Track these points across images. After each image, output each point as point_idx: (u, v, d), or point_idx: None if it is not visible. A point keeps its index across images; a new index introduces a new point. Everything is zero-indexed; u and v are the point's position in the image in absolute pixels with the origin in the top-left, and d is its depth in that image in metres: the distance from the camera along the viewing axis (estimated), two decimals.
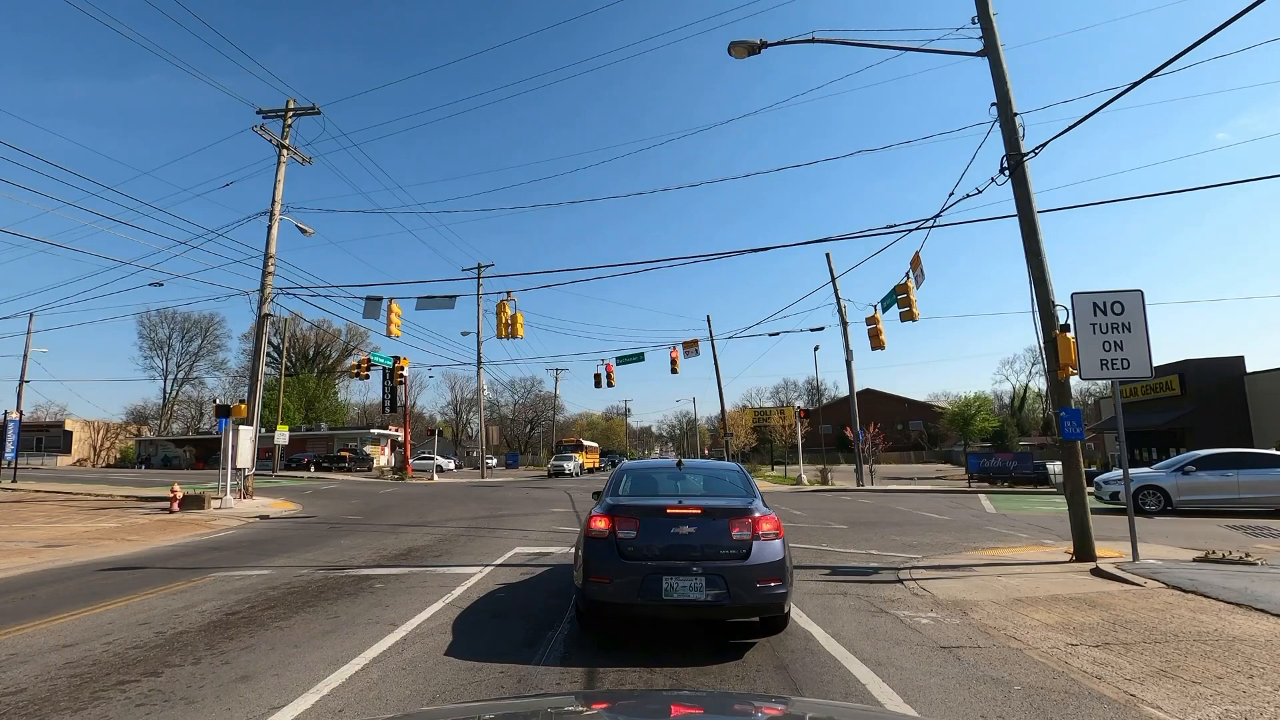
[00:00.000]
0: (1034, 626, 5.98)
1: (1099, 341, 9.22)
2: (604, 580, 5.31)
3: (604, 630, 5.81)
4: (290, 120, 24.71)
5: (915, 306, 17.00)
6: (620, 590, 5.22)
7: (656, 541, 5.38)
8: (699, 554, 5.30)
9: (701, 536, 5.37)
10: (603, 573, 5.33)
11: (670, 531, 5.41)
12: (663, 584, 5.15)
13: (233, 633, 5.86)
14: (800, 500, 22.44)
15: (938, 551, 11.01)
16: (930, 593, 7.59)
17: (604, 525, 5.51)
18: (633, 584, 5.19)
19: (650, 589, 5.16)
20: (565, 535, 12.89)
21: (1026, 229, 10.54)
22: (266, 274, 23.47)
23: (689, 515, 5.48)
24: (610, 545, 5.42)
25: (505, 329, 19.18)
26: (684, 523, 5.43)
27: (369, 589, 7.81)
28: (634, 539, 5.40)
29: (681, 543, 5.35)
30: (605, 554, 5.40)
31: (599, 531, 5.51)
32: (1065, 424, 9.82)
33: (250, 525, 16.08)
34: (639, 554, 5.35)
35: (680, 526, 5.42)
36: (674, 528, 5.42)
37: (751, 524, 5.41)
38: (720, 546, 5.34)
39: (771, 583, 5.23)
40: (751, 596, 5.18)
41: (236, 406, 20.94)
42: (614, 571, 5.29)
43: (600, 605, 5.37)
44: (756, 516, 5.45)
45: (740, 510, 5.52)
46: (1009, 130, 10.83)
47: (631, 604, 5.20)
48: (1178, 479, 16.11)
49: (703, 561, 5.26)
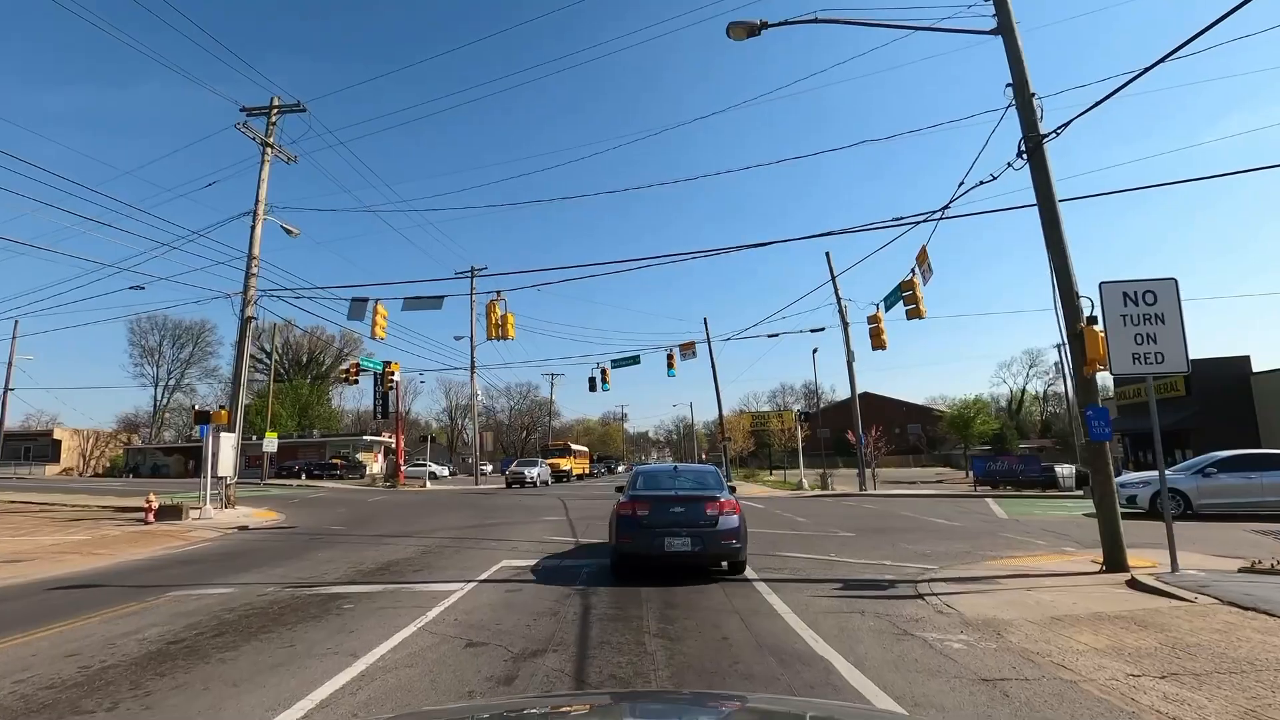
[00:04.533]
0: (1082, 651, 5.27)
1: (1130, 334, 8.54)
2: (629, 540, 8.62)
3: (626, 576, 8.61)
4: (275, 118, 23.99)
5: (922, 304, 16.32)
6: (638, 545, 8.56)
7: (661, 517, 8.57)
8: (686, 524, 8.50)
9: (688, 513, 8.61)
10: (628, 535, 8.63)
11: (669, 511, 8.66)
12: (664, 542, 8.34)
13: (168, 667, 5.10)
14: (803, 506, 21.70)
15: (954, 561, 10.30)
16: (956, 610, 6.87)
17: (629, 507, 8.77)
18: (646, 542, 8.46)
19: (656, 545, 8.37)
20: (557, 547, 12.14)
21: (1047, 216, 9.87)
22: (250, 275, 22.69)
23: (680, 500, 8.85)
24: (633, 519, 8.66)
25: (496, 330, 18.46)
26: (677, 505, 8.73)
27: (335, 610, 7.06)
28: (647, 515, 8.62)
29: (676, 517, 8.57)
30: (629, 525, 8.66)
31: (627, 511, 8.78)
32: (1093, 423, 9.13)
33: (228, 537, 15.29)
34: (650, 524, 8.52)
35: (675, 507, 8.69)
36: (671, 508, 8.68)
37: (718, 506, 8.67)
38: (699, 519, 8.56)
39: (731, 540, 8.53)
40: (717, 549, 8.51)
41: (217, 412, 20.14)
42: (635, 535, 8.58)
43: (626, 556, 8.72)
44: (721, 501, 8.74)
45: (711, 497, 8.81)
46: (1026, 112, 10.17)
47: (645, 554, 8.52)
48: (1198, 481, 15.44)
49: (688, 528, 8.45)
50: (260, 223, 23.17)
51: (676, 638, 5.84)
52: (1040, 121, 10.10)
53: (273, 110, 23.87)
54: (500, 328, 18.36)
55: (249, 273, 22.67)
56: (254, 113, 23.75)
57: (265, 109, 23.82)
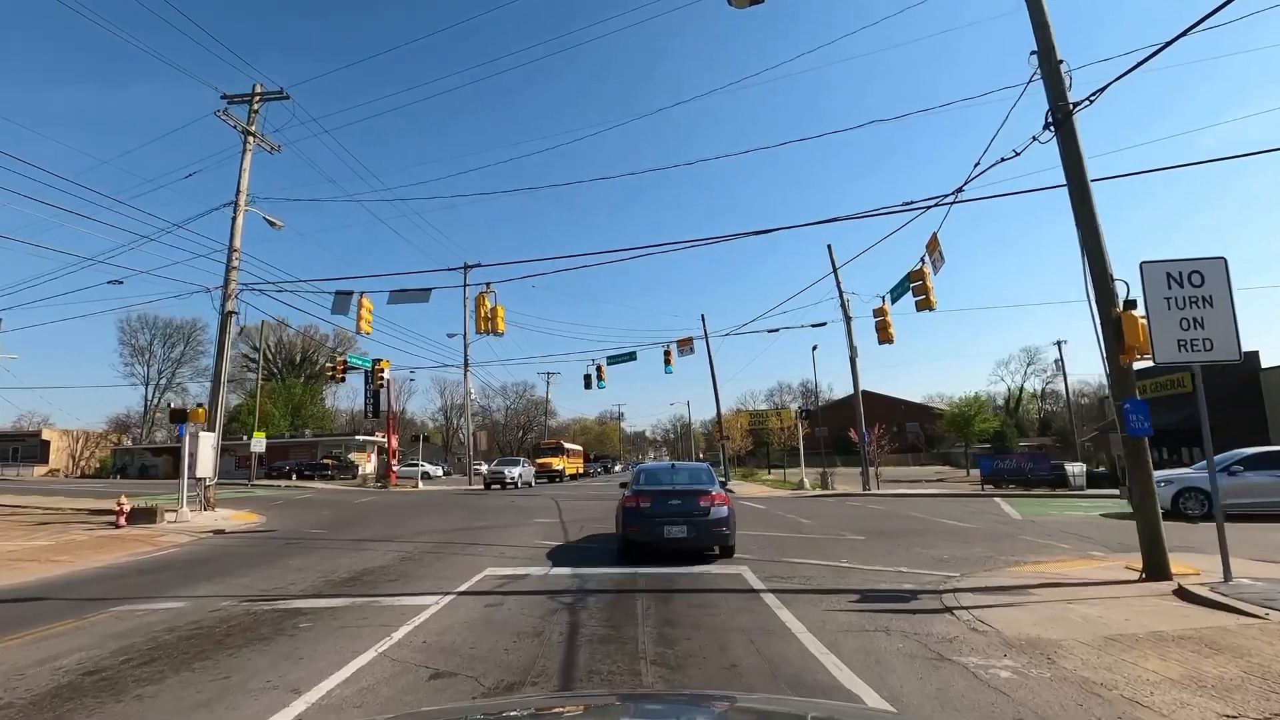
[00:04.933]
0: (1155, 683, 4.47)
1: (1175, 319, 7.76)
2: (634, 529, 9.94)
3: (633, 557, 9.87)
4: (257, 105, 23.09)
5: (932, 294, 15.51)
6: (642, 533, 9.86)
7: (660, 508, 9.86)
8: (682, 514, 9.77)
9: (684, 505, 9.88)
10: (633, 525, 9.95)
11: (668, 503, 9.93)
12: (664, 530, 9.65)
13: (69, 709, 4.27)
14: (806, 507, 20.89)
15: (975, 567, 9.51)
16: (992, 626, 6.08)
17: (633, 500, 10.11)
18: (648, 530, 9.77)
19: (657, 532, 9.68)
20: (547, 552, 11.32)
21: (1077, 193, 9.08)
22: (230, 268, 21.80)
23: (677, 493, 10.12)
24: (637, 510, 9.98)
25: (485, 323, 17.60)
26: (675, 498, 10.03)
27: (290, 630, 6.23)
28: (649, 506, 9.93)
29: (673, 509, 9.85)
30: (634, 515, 9.97)
31: (631, 503, 10.11)
32: (1130, 417, 8.36)
33: (201, 542, 14.44)
34: (651, 514, 9.83)
35: (673, 500, 9.98)
36: (670, 501, 9.97)
37: (710, 498, 9.95)
38: (694, 510, 9.82)
39: (721, 528, 9.80)
40: (709, 536, 9.80)
41: (194, 411, 19.24)
42: (639, 524, 9.90)
43: (631, 543, 10.02)
44: (712, 494, 10.02)
45: (704, 491, 10.08)
46: (1053, 81, 9.37)
47: (647, 541, 9.80)
48: (1224, 480, 14.63)
49: (684, 518, 9.72)
50: (242, 213, 22.28)
51: (677, 665, 5.03)
52: (1069, 90, 9.32)
53: (255, 97, 22.98)
54: (490, 320, 17.50)
55: (230, 266, 21.79)
56: (235, 100, 22.86)
57: (247, 96, 22.92)
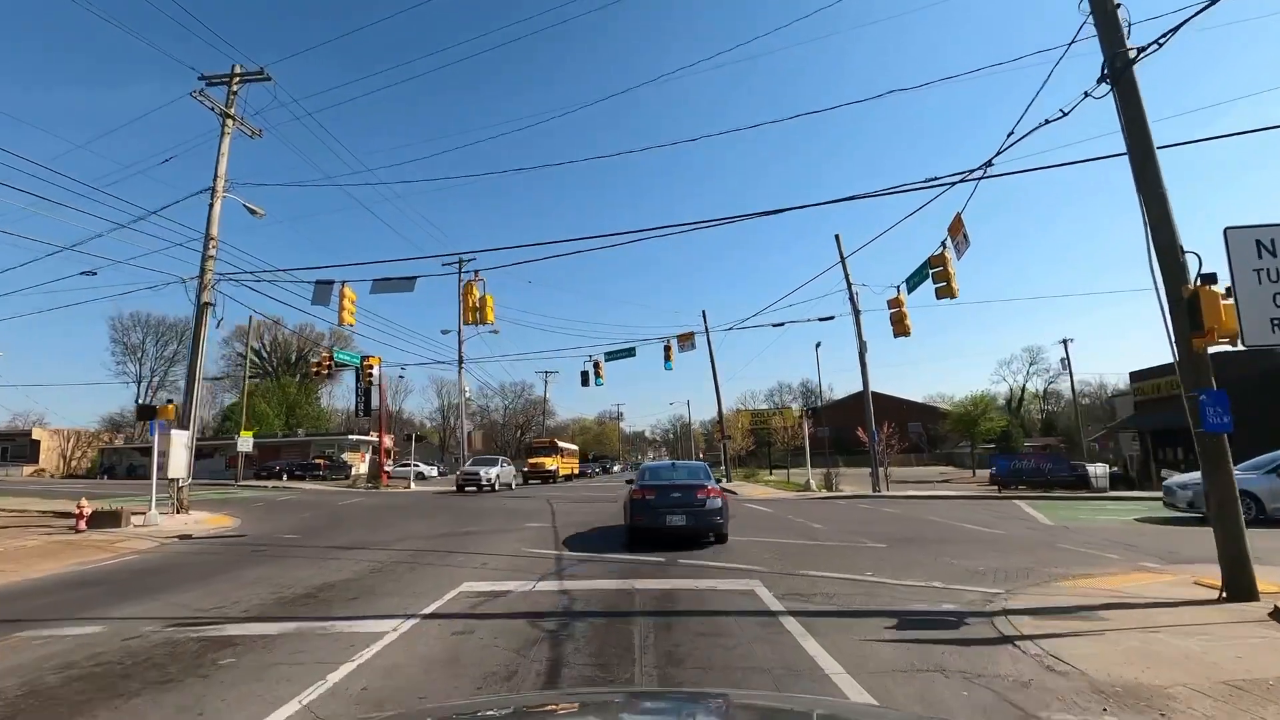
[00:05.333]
0: None
1: (1268, 294, 6.62)
2: (640, 518, 11.65)
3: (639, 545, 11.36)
4: (236, 87, 21.93)
5: (954, 281, 14.33)
6: (646, 522, 11.56)
7: (663, 500, 11.58)
8: (681, 505, 11.50)
9: (683, 497, 11.60)
10: (639, 515, 11.69)
11: (670, 496, 11.65)
12: (666, 519, 11.37)
13: None
14: (815, 510, 19.70)
15: (1019, 581, 8.36)
16: (1073, 666, 4.92)
17: (640, 494, 11.88)
18: (652, 519, 11.48)
19: (660, 521, 11.40)
20: (534, 564, 10.16)
21: (1139, 153, 7.91)
22: (207, 258, 20.64)
23: (678, 487, 11.84)
24: (642, 502, 11.72)
25: (473, 314, 16.46)
26: (675, 491, 11.73)
27: (205, 669, 5.06)
28: (653, 499, 11.64)
29: (674, 500, 11.56)
30: (640, 506, 11.72)
31: (638, 496, 11.88)
32: (1207, 411, 7.20)
33: (163, 548, 13.29)
34: (654, 505, 11.56)
35: (674, 493, 11.70)
36: (671, 493, 11.70)
37: (706, 492, 11.66)
38: (692, 501, 11.53)
39: (715, 517, 11.57)
40: (705, 524, 11.55)
41: (164, 407, 18.13)
42: (644, 514, 11.61)
43: (637, 530, 11.77)
44: (708, 488, 11.77)
45: (701, 485, 11.82)
46: (1109, 29, 8.20)
47: (651, 528, 11.52)
48: (1273, 482, 13.53)
49: (683, 508, 11.44)
50: (220, 200, 21.13)
51: None
52: (1127, 37, 8.16)
53: (234, 79, 21.81)
54: (479, 311, 16.35)
55: (206, 254, 20.64)
56: (214, 81, 21.70)
57: (225, 77, 21.77)
